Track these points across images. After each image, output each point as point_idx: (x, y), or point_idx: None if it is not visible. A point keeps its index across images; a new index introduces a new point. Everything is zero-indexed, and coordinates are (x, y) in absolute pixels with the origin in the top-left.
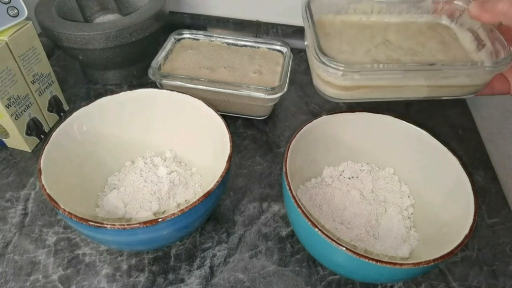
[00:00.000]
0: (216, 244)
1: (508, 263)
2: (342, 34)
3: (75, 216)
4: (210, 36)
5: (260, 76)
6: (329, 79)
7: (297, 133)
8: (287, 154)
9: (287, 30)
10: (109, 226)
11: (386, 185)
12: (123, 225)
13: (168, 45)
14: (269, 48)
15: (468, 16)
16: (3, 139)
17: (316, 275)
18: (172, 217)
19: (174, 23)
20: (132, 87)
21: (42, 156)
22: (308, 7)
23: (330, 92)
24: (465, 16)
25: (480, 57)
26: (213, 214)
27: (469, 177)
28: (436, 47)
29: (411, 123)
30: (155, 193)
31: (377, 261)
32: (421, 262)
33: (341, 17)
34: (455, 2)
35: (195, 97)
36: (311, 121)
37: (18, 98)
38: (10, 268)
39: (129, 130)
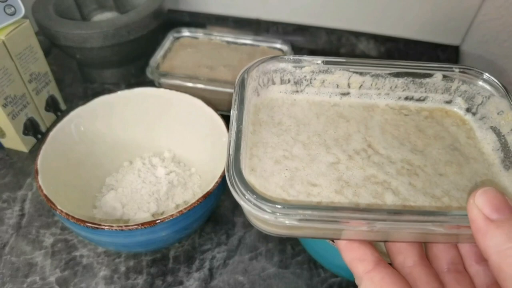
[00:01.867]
0: (215, 246)
1: None
2: (301, 124)
3: (72, 217)
4: (210, 34)
5: None
6: (261, 217)
7: None
8: None
9: (288, 28)
10: (106, 227)
11: None
12: (121, 226)
13: (166, 43)
14: (270, 47)
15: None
16: None
17: (317, 277)
18: (171, 218)
19: (172, 21)
20: (130, 86)
21: (39, 156)
22: (241, 83)
23: (266, 229)
24: (490, 105)
25: (509, 179)
26: (212, 215)
27: None
28: (445, 156)
29: None
30: (153, 194)
31: None
32: None
33: (302, 94)
34: (480, 83)
35: (194, 96)
36: None
37: (15, 98)
38: (7, 269)
39: (127, 130)
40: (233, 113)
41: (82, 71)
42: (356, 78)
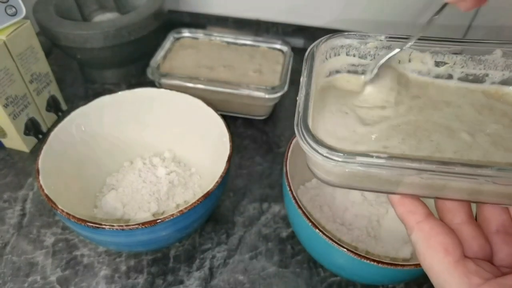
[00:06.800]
0: (215, 245)
1: None
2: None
3: (73, 217)
4: (210, 35)
5: (260, 75)
6: (323, 164)
7: None
8: (287, 154)
9: (288, 28)
10: (107, 227)
11: None
12: (122, 226)
13: (167, 44)
14: (269, 47)
15: None
16: (0, 139)
17: (317, 277)
18: (171, 218)
19: (173, 21)
20: (130, 86)
21: (40, 156)
22: (311, 55)
23: (325, 178)
24: None
25: None
26: (212, 215)
27: None
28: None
29: None
30: (154, 194)
31: (378, 262)
32: None
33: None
34: None
35: (194, 96)
36: None
37: (16, 98)
38: (8, 269)
39: (128, 130)
40: (303, 80)
41: (83, 72)
42: (417, 54)
